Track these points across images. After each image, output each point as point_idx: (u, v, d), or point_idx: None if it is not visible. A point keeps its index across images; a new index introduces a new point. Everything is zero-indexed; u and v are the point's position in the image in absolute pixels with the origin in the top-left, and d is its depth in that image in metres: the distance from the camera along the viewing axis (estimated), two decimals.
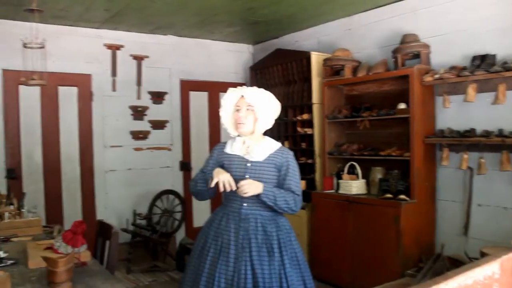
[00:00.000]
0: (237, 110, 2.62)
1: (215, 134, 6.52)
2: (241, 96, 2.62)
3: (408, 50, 4.31)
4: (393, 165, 4.42)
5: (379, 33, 4.89)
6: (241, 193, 2.44)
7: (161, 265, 5.37)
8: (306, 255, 3.98)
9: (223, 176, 2.49)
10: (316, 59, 5.15)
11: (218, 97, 6.46)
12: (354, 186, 4.55)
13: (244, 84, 5.62)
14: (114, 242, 2.90)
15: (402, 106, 4.31)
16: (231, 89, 2.67)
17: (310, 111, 5.21)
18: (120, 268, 5.07)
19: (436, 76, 4.03)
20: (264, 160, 2.59)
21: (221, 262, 2.47)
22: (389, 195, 4.20)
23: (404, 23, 4.60)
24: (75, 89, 5.53)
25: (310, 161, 5.21)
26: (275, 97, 2.69)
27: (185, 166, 6.24)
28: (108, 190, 5.70)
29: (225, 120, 2.72)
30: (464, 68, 3.92)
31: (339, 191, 4.68)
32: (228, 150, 2.72)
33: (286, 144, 5.43)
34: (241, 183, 2.44)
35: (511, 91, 3.70)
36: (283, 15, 5.15)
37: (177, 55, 6.16)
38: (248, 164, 2.61)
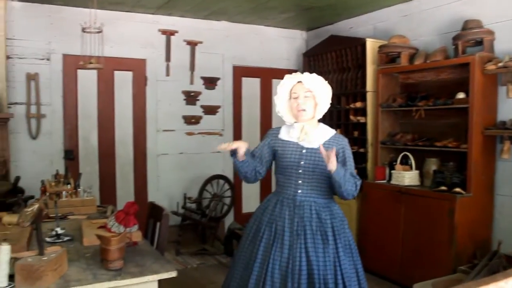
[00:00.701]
0: (295, 97, 2.58)
1: (267, 121, 6.51)
2: (297, 82, 2.58)
3: (470, 36, 4.10)
4: (449, 157, 4.27)
5: (438, 19, 4.68)
6: (330, 161, 2.33)
7: (209, 248, 5.46)
8: None
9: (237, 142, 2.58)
10: (371, 46, 5.02)
11: (270, 84, 6.45)
12: (407, 177, 4.44)
13: (297, 70, 5.56)
14: (164, 224, 2.95)
15: (461, 95, 4.13)
16: (288, 76, 2.63)
17: (363, 99, 5.10)
18: (169, 250, 5.19)
19: (500, 64, 3.83)
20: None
21: (275, 249, 2.46)
22: (443, 188, 4.06)
23: (466, 8, 4.38)
24: (130, 74, 5.66)
25: (362, 150, 5.12)
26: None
27: (235, 151, 6.24)
28: (160, 173, 5.83)
29: (281, 108, 2.68)
30: None
31: (391, 182, 4.59)
32: (282, 136, 2.69)
33: (338, 132, 5.32)
34: (331, 153, 2.34)
35: None
36: (338, 0, 5.02)
37: (230, 41, 6.18)
38: (304, 151, 2.58)
